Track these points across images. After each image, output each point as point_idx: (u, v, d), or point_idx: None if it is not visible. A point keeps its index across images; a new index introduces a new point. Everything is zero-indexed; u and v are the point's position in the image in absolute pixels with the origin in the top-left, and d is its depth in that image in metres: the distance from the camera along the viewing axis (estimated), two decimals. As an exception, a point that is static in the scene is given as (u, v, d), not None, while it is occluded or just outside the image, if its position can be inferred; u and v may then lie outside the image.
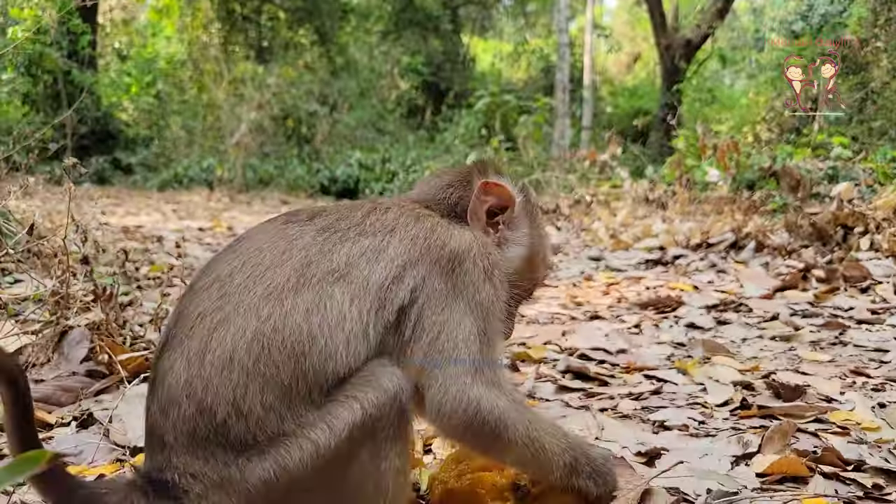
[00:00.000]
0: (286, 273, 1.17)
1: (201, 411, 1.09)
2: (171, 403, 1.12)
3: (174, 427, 1.11)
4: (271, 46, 21.86)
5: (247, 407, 1.09)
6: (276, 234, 1.24)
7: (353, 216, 1.30)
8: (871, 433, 2.01)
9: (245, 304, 1.14)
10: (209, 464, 1.09)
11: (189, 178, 17.05)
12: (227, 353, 1.10)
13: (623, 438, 2.03)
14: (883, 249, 4.22)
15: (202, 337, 1.12)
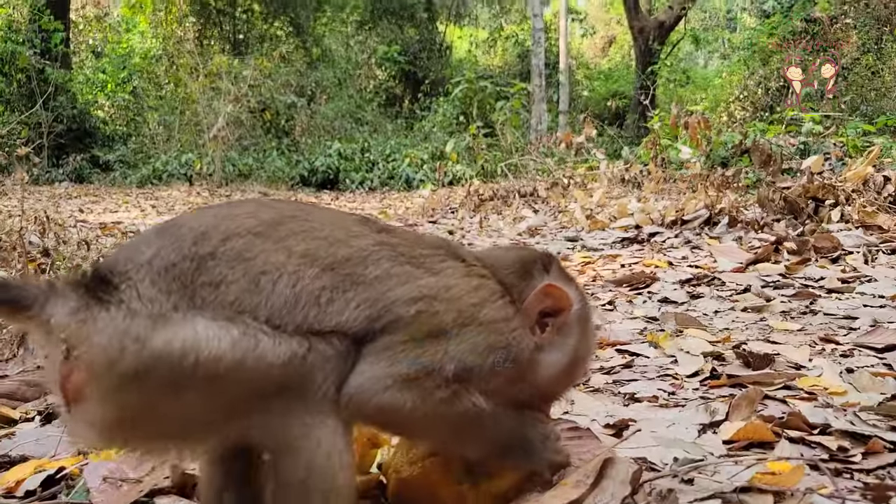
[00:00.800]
0: (330, 256, 1.21)
1: (192, 260, 1.10)
2: (173, 235, 1.13)
3: (159, 251, 1.10)
4: (247, 39, 21.65)
5: (224, 290, 1.10)
6: (349, 229, 1.28)
7: (415, 250, 1.32)
8: (837, 397, 2.02)
9: (286, 244, 1.18)
10: (160, 298, 1.06)
11: (168, 173, 16.89)
12: (247, 255, 1.14)
13: (592, 411, 2.03)
14: (853, 220, 4.26)
15: (240, 229, 1.16)
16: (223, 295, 1.10)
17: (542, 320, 1.42)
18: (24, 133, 13.92)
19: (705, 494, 1.47)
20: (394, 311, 1.24)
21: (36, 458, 1.86)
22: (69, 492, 1.67)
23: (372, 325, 1.22)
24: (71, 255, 2.81)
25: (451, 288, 1.31)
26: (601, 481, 1.40)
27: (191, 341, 1.04)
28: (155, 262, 1.09)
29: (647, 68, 15.07)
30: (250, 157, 17.58)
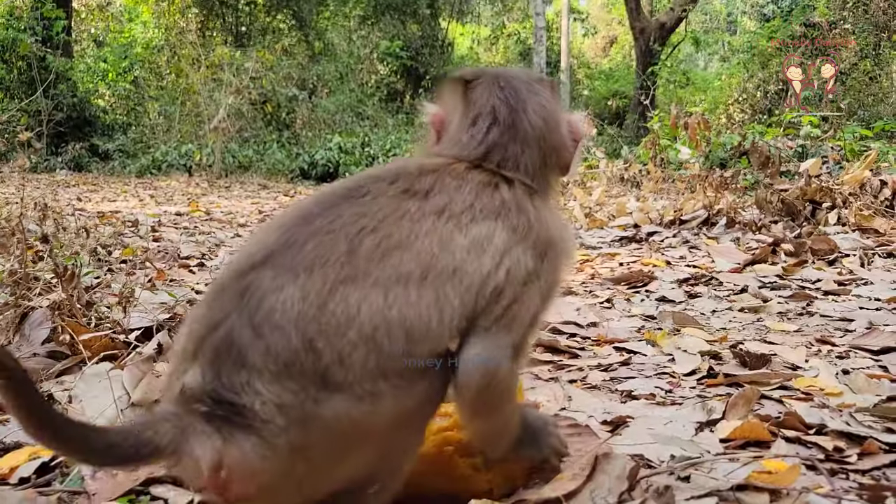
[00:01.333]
0: (413, 261, 1.15)
1: (307, 350, 1.05)
2: (271, 327, 1.05)
3: (268, 351, 1.04)
4: (249, 31, 21.59)
5: (350, 363, 1.07)
6: (399, 207, 1.20)
7: (463, 198, 1.26)
8: (833, 398, 2.03)
9: (374, 277, 1.12)
10: (298, 397, 1.04)
11: (167, 163, 16.85)
12: (351, 313, 1.08)
13: (590, 408, 2.03)
14: (850, 223, 4.27)
15: (327, 282, 1.09)
16: (351, 371, 1.08)
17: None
18: (24, 120, 13.88)
19: (702, 492, 1.48)
20: (486, 292, 1.21)
21: (30, 446, 1.85)
22: (63, 479, 1.67)
23: (475, 309, 1.21)
24: (69, 241, 2.81)
25: (519, 227, 1.27)
26: (596, 475, 1.40)
27: (339, 429, 1.08)
28: (270, 366, 1.04)
29: (648, 69, 15.05)
30: (250, 149, 17.54)
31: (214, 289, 1.16)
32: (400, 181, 1.25)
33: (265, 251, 1.14)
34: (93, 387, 2.11)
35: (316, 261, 1.12)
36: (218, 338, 1.06)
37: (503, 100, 1.36)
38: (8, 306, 2.62)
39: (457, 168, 1.30)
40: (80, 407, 2.06)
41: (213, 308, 1.10)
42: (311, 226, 1.16)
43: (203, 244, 6.04)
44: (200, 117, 17.69)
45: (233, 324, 1.06)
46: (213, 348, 1.06)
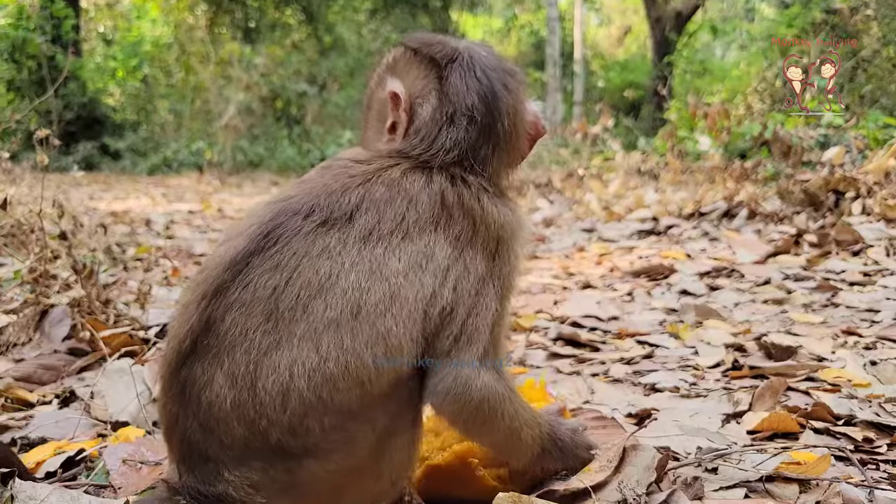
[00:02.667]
0: (340, 302, 1.09)
1: (254, 433, 1.07)
2: (215, 421, 1.07)
3: (221, 444, 1.08)
4: (258, 27, 21.59)
5: (304, 429, 1.07)
6: (315, 245, 1.11)
7: (393, 212, 1.16)
8: (861, 389, 2.00)
9: (300, 334, 1.07)
10: (268, 473, 1.08)
11: (178, 161, 16.91)
12: (284, 383, 1.06)
13: (614, 401, 2.01)
14: (874, 213, 4.20)
15: (250, 360, 1.06)
16: (308, 435, 1.09)
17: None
18: (34, 120, 14.01)
19: (730, 483, 1.46)
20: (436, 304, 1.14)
21: (55, 440, 1.86)
22: (89, 473, 1.67)
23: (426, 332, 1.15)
24: (86, 239, 2.81)
25: (461, 234, 1.19)
26: (624, 467, 1.38)
27: (323, 485, 1.13)
28: (228, 454, 1.09)
29: (664, 59, 14.92)
30: (261, 146, 17.57)
31: (161, 383, 1.15)
32: (316, 212, 1.13)
33: (190, 335, 1.11)
34: (115, 382, 2.11)
35: (236, 340, 1.07)
36: (178, 437, 1.11)
37: (482, 97, 1.23)
38: (28, 304, 2.63)
39: (391, 174, 1.18)
40: (102, 403, 2.07)
41: (166, 406, 1.14)
42: (227, 299, 1.10)
43: (216, 241, 6.05)
44: (210, 114, 17.74)
45: (183, 422, 1.10)
46: (178, 447, 1.12)
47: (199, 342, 1.09)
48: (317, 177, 1.22)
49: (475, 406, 1.16)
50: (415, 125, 1.24)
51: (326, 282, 1.08)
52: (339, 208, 1.13)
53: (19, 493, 1.10)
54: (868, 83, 8.47)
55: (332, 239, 1.11)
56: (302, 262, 1.09)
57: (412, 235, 1.14)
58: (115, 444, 1.80)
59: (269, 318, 1.07)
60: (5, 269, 3.44)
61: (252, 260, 1.11)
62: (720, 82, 13.01)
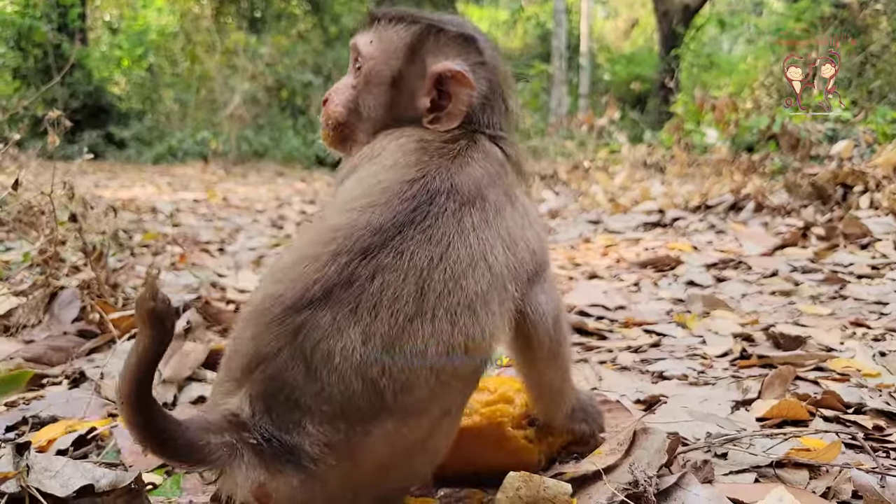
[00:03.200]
0: (487, 274, 1.15)
1: (368, 391, 1.04)
2: (328, 372, 1.03)
3: (321, 395, 1.03)
4: (264, 17, 21.53)
5: (412, 387, 1.07)
6: (465, 223, 1.17)
7: (502, 184, 1.27)
8: (871, 379, 2.00)
9: (444, 308, 1.09)
10: (349, 434, 1.04)
11: (183, 151, 16.92)
12: (419, 349, 1.07)
13: (622, 388, 2.01)
14: (882, 207, 4.19)
15: (397, 323, 1.06)
16: (412, 394, 1.08)
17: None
18: (39, 108, 14.02)
19: (740, 468, 1.46)
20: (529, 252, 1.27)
21: (66, 419, 1.87)
22: (99, 452, 1.68)
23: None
24: (95, 222, 2.82)
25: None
26: (635, 450, 1.39)
27: (389, 451, 1.09)
28: (324, 407, 1.04)
29: (671, 52, 14.86)
30: (266, 136, 17.56)
31: (261, 316, 1.09)
32: (455, 193, 1.18)
33: (323, 284, 1.08)
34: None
35: (383, 301, 1.07)
36: (268, 374, 1.04)
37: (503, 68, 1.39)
38: (37, 286, 2.64)
39: (481, 148, 1.28)
40: (112, 383, 2.07)
41: (261, 339, 1.06)
42: (378, 261, 1.09)
43: (222, 230, 6.08)
44: (216, 104, 17.73)
45: (285, 362, 1.04)
46: (263, 383, 1.04)
47: (335, 293, 1.07)
48: (404, 157, 1.24)
49: (564, 322, 1.34)
50: (470, 101, 1.29)
51: (477, 255, 1.15)
52: (469, 189, 1.20)
53: (35, 465, 1.11)
54: (877, 78, 8.44)
55: (475, 218, 1.18)
56: (454, 239, 1.14)
57: (513, 199, 1.26)
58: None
59: (422, 288, 1.09)
60: (14, 252, 3.46)
61: (405, 231, 1.12)
62: (727, 76, 12.95)
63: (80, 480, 1.10)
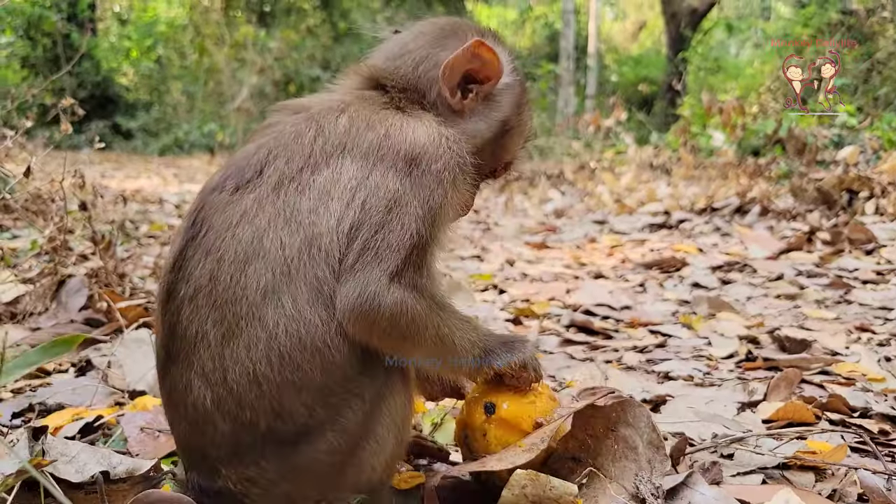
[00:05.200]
0: (269, 264, 1.06)
1: (242, 426, 1.07)
2: (203, 423, 1.08)
3: (213, 443, 1.08)
4: (273, 11, 21.53)
5: (288, 412, 1.07)
6: (234, 214, 1.09)
7: (301, 146, 1.15)
8: (876, 384, 2.00)
9: (244, 312, 1.05)
10: (261, 465, 1.08)
11: (190, 143, 16.94)
12: (249, 370, 1.05)
13: (627, 387, 2.01)
14: (888, 213, 4.19)
15: (213, 354, 1.06)
16: (293, 415, 1.10)
17: (465, 85, 1.27)
18: (48, 97, 14.04)
19: (747, 469, 1.46)
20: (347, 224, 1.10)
21: (72, 407, 1.88)
22: (106, 440, 1.68)
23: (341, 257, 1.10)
24: (103, 211, 2.83)
25: (369, 153, 1.14)
26: (620, 428, 1.32)
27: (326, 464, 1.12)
28: (222, 453, 1.10)
29: (678, 55, 14.84)
30: (273, 130, 17.53)
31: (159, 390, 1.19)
32: (232, 177, 1.13)
33: (162, 344, 1.12)
34: (133, 352, 2.13)
35: (196, 338, 1.07)
36: (176, 440, 1.17)
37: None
38: (45, 274, 2.65)
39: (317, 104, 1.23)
40: (119, 372, 2.08)
41: (165, 409, 1.18)
42: (177, 300, 1.09)
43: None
44: (223, 97, 17.73)
45: (178, 427, 1.13)
46: (178, 444, 1.17)
47: (170, 349, 1.09)
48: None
49: (387, 322, 1.08)
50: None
51: (250, 249, 1.06)
52: (249, 170, 1.12)
53: (51, 449, 1.11)
54: (883, 85, 8.41)
55: (248, 202, 1.09)
56: (225, 238, 1.07)
57: (319, 165, 1.12)
58: (132, 412, 1.81)
59: (213, 306, 1.05)
60: (21, 240, 3.46)
61: (186, 252, 1.09)
62: (734, 80, 12.94)
63: (96, 466, 1.10)
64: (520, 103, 1.34)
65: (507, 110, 1.31)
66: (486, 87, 1.28)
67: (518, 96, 1.34)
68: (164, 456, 1.59)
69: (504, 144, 1.35)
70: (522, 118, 1.36)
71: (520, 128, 1.36)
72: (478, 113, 1.29)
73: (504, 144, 1.35)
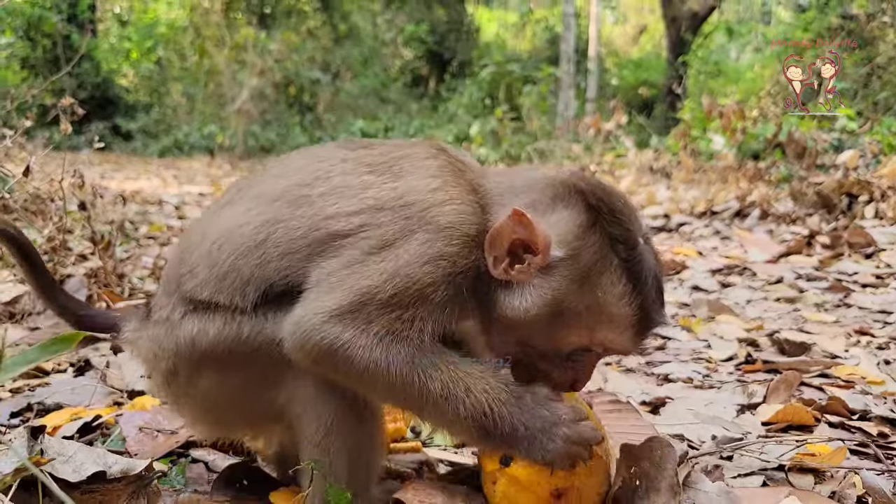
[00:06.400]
0: (282, 185, 1.25)
1: (174, 261, 1.34)
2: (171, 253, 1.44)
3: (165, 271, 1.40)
4: (273, 13, 21.56)
5: (196, 271, 1.25)
6: (319, 155, 1.31)
7: (392, 154, 1.24)
8: (875, 387, 2.00)
9: (246, 199, 1.27)
10: (165, 302, 1.30)
11: (190, 144, 16.95)
12: (208, 233, 1.27)
13: (627, 389, 2.02)
14: (887, 217, 4.19)
15: (212, 217, 1.32)
16: (199, 288, 1.24)
17: (517, 254, 1.13)
18: (47, 98, 14.05)
19: (747, 471, 1.46)
20: (328, 227, 1.15)
21: (71, 407, 1.87)
22: (105, 440, 1.68)
23: (312, 252, 1.15)
24: (102, 211, 2.83)
25: (407, 193, 1.15)
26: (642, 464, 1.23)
27: (188, 339, 1.24)
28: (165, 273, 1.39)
29: (679, 58, 14.85)
30: (273, 132, 17.58)
31: None
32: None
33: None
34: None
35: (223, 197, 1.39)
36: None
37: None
38: (44, 273, 2.64)
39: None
40: (118, 372, 2.08)
41: None
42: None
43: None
44: (223, 99, 17.74)
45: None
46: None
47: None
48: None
49: (318, 354, 1.10)
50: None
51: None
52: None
53: (48, 449, 1.11)
54: (883, 90, 8.43)
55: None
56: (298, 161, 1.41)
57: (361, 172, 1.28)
58: (131, 411, 1.81)
59: (240, 189, 1.37)
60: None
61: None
62: (734, 84, 12.96)
63: (92, 466, 1.10)
64: (583, 281, 1.13)
65: (559, 288, 1.12)
66: (537, 259, 1.13)
67: (581, 272, 1.13)
68: (162, 456, 1.60)
69: (556, 329, 1.15)
70: (588, 300, 1.13)
71: (581, 313, 1.14)
72: (527, 284, 1.14)
73: (556, 329, 1.15)
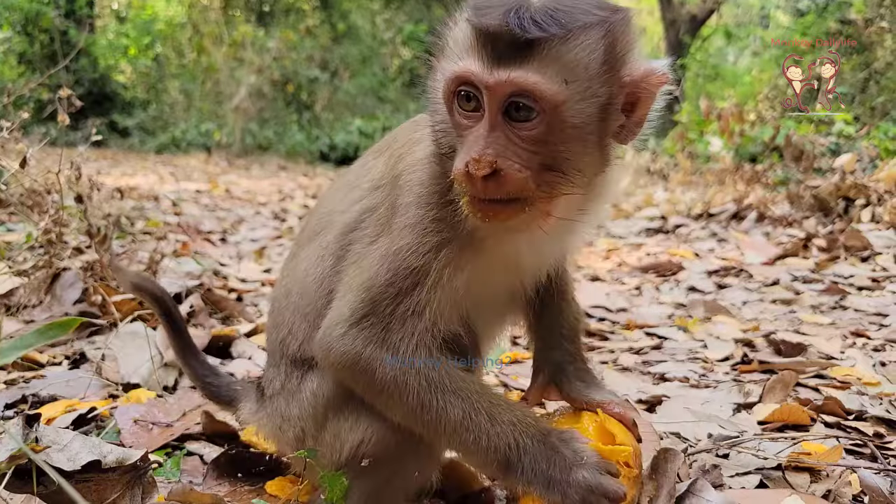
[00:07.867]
0: (322, 222, 1.28)
1: (271, 328, 1.35)
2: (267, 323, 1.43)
3: (267, 339, 1.39)
4: (272, 10, 21.52)
5: (294, 330, 1.24)
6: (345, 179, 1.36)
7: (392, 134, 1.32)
8: (871, 388, 2.00)
9: (303, 240, 1.34)
10: (275, 374, 1.29)
11: (187, 141, 16.91)
12: (290, 287, 1.29)
13: (623, 388, 2.02)
14: (884, 221, 4.20)
15: (288, 268, 1.34)
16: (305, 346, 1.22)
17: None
18: (44, 93, 13.99)
19: (744, 470, 1.46)
20: (333, 219, 1.24)
21: (66, 399, 1.87)
22: (100, 432, 1.67)
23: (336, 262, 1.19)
24: (99, 205, 2.82)
25: (405, 172, 1.11)
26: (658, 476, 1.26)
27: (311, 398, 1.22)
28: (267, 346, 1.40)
29: (677, 61, 14.86)
30: (270, 130, 17.56)
31: None
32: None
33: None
34: (127, 345, 2.12)
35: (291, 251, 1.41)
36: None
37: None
38: (39, 266, 2.63)
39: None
40: (114, 364, 2.07)
41: None
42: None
43: (224, 220, 6.07)
44: (221, 96, 17.70)
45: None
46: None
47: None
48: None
49: (340, 367, 1.08)
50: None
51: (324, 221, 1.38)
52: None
53: (43, 437, 1.10)
54: (880, 95, 8.46)
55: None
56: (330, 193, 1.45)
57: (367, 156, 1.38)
58: (126, 404, 1.81)
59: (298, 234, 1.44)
60: (16, 234, 3.44)
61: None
62: (732, 87, 12.99)
63: (87, 455, 1.10)
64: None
65: None
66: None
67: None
68: (157, 448, 1.59)
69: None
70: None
71: None
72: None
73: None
